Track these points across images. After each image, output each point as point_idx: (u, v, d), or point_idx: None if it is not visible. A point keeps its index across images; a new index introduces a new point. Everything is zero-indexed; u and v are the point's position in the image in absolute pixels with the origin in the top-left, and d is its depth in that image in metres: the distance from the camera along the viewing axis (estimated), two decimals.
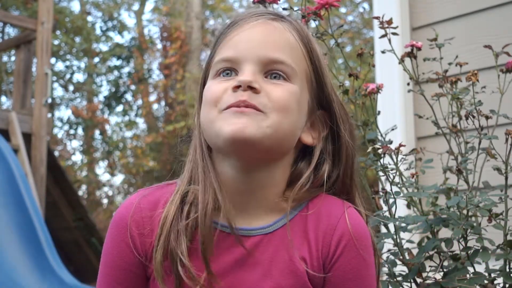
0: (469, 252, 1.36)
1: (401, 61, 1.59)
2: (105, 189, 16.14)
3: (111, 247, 1.12)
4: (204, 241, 1.06)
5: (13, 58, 13.34)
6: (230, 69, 1.10)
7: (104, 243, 1.15)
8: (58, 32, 14.39)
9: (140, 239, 1.10)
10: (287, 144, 1.10)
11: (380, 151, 1.42)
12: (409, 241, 1.50)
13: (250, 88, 1.06)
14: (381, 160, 1.45)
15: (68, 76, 16.10)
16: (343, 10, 14.50)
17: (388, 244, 1.42)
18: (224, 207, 1.07)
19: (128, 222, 1.11)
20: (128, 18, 24.63)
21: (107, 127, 16.24)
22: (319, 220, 1.09)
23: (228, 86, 1.07)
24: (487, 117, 1.41)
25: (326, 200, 1.12)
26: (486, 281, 1.33)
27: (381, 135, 1.56)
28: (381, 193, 1.41)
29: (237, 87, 1.06)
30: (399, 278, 1.37)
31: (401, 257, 1.40)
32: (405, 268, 1.39)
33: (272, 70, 1.09)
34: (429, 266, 1.39)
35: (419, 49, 1.57)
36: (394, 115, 2.57)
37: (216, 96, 1.08)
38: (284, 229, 1.08)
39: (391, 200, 1.41)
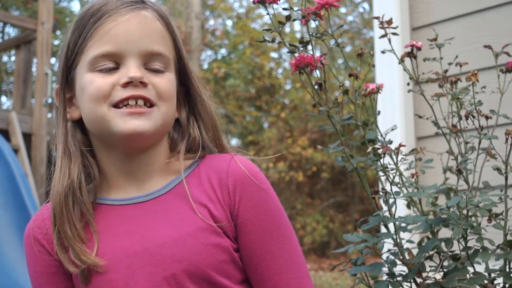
0: (469, 252, 1.36)
1: (401, 61, 1.59)
2: None
3: (29, 260, 1.21)
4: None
5: (13, 58, 13.34)
6: (111, 63, 1.14)
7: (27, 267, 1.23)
8: (58, 32, 14.39)
9: (45, 239, 1.19)
10: (169, 127, 1.21)
11: (380, 151, 1.42)
12: (409, 241, 1.50)
13: (140, 83, 1.13)
14: (381, 160, 1.45)
15: None
16: (343, 10, 14.51)
17: (388, 244, 1.42)
18: (97, 183, 1.19)
19: (32, 230, 1.20)
20: None
21: None
22: (212, 171, 1.19)
23: (116, 82, 1.13)
24: (487, 117, 1.41)
25: (213, 156, 1.24)
26: (486, 281, 1.33)
27: (381, 135, 1.56)
28: (381, 193, 1.41)
29: (127, 83, 1.12)
30: (399, 278, 1.37)
31: (401, 257, 1.40)
32: (405, 268, 1.39)
33: (151, 62, 1.16)
34: (429, 266, 1.39)
35: (419, 49, 1.57)
36: (394, 115, 2.57)
37: (105, 92, 1.13)
38: (180, 187, 1.17)
39: (391, 200, 1.41)
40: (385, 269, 1.40)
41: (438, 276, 1.35)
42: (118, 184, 1.21)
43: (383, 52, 1.58)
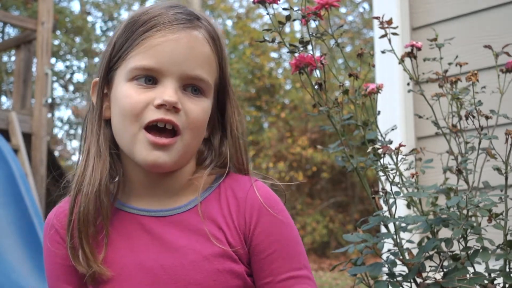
0: (469, 252, 1.36)
1: (401, 61, 1.59)
2: None
3: (47, 251, 1.20)
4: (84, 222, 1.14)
5: (13, 58, 13.34)
6: (149, 77, 1.13)
7: (43, 252, 1.22)
8: (58, 32, 14.40)
9: (62, 232, 1.18)
10: (192, 154, 1.20)
11: (380, 151, 1.42)
12: (409, 241, 1.50)
13: (173, 107, 1.11)
14: (381, 160, 1.45)
15: (68, 76, 16.10)
16: (343, 10, 14.51)
17: (388, 244, 1.41)
18: (123, 191, 1.19)
19: (52, 222, 1.20)
20: None
21: None
22: (232, 196, 1.18)
23: (150, 101, 1.12)
24: (487, 117, 1.41)
25: (234, 178, 1.22)
26: (486, 281, 1.33)
27: (381, 135, 1.56)
28: (381, 193, 1.41)
29: (160, 106, 1.11)
30: (399, 278, 1.37)
31: (401, 257, 1.40)
32: (405, 268, 1.39)
33: (190, 85, 1.14)
34: (429, 266, 1.39)
35: (419, 49, 1.57)
36: (394, 115, 2.57)
37: (138, 112, 1.12)
38: (201, 207, 1.16)
39: (391, 200, 1.41)
40: (385, 269, 1.40)
41: (438, 276, 1.35)
42: (139, 193, 1.19)
43: (383, 52, 1.58)
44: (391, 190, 1.42)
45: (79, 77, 17.22)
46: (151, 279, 1.12)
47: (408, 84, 1.70)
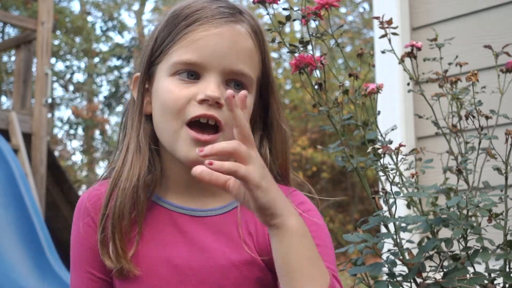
0: (469, 252, 1.36)
1: (401, 61, 1.59)
2: None
3: (76, 232, 1.17)
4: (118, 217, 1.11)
5: (13, 58, 13.34)
6: (191, 72, 1.11)
7: (71, 233, 1.18)
8: (58, 32, 14.40)
9: (97, 217, 1.15)
10: None
11: (380, 151, 1.42)
12: (409, 241, 1.50)
13: (216, 103, 1.08)
14: (381, 160, 1.45)
15: (68, 76, 16.11)
16: (343, 10, 14.51)
17: (388, 244, 1.42)
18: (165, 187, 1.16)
19: (85, 204, 1.16)
20: (128, 18, 24.65)
21: (107, 127, 16.26)
22: None
23: (192, 96, 1.09)
24: (487, 117, 1.41)
25: None
26: (486, 281, 1.33)
27: (381, 135, 1.56)
28: (381, 193, 1.41)
29: (203, 101, 1.08)
30: (399, 278, 1.37)
31: (401, 257, 1.40)
32: (405, 268, 1.39)
33: (232, 79, 1.12)
34: (429, 266, 1.39)
35: (419, 49, 1.57)
36: (394, 115, 2.57)
37: (180, 107, 1.09)
38: (236, 212, 1.14)
39: (391, 200, 1.41)
40: (385, 269, 1.40)
41: (438, 276, 1.35)
42: (176, 189, 1.17)
43: (383, 52, 1.58)
44: (391, 190, 1.42)
45: (79, 77, 17.23)
46: (178, 278, 1.10)
47: (408, 84, 1.70)
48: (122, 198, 1.11)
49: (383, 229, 1.47)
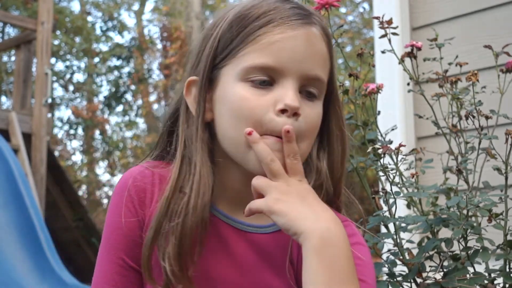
0: (469, 252, 1.36)
1: (401, 61, 1.59)
2: (105, 189, 16.15)
3: (114, 212, 1.07)
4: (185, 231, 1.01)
5: (13, 58, 13.34)
6: (265, 78, 1.02)
7: (107, 213, 1.09)
8: (58, 32, 14.40)
9: (139, 203, 1.06)
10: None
11: (380, 151, 1.42)
12: (409, 241, 1.50)
13: (294, 113, 1.00)
14: (381, 160, 1.45)
15: (68, 76, 16.11)
16: (343, 10, 14.51)
17: (388, 244, 1.42)
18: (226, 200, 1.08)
19: (129, 184, 1.07)
20: (128, 18, 24.66)
21: (107, 127, 16.26)
22: None
23: (269, 105, 1.00)
24: (487, 117, 1.41)
25: None
26: (486, 281, 1.33)
27: (381, 135, 1.56)
28: (381, 193, 1.41)
29: (282, 111, 1.00)
30: (399, 278, 1.37)
31: (401, 257, 1.40)
32: (405, 268, 1.39)
33: (308, 86, 1.04)
34: (429, 266, 1.39)
35: (419, 49, 1.57)
36: (394, 115, 2.57)
37: (257, 117, 1.00)
38: (283, 236, 1.04)
39: (391, 200, 1.41)
40: (385, 269, 1.40)
41: (438, 276, 1.35)
42: (226, 198, 1.08)
43: (383, 52, 1.58)
44: (391, 190, 1.42)
45: (79, 77, 17.22)
46: None
47: (408, 84, 1.70)
48: (192, 216, 1.01)
49: (383, 229, 1.47)
